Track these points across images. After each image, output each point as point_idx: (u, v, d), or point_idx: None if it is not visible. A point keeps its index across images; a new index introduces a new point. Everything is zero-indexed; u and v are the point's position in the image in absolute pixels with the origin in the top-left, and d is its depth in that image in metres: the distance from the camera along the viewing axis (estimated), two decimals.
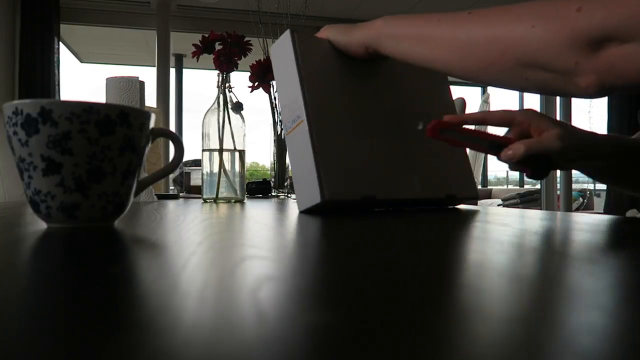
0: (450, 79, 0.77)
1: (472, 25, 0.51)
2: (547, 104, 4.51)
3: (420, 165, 0.69)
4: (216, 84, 0.95)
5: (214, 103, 0.95)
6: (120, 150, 0.37)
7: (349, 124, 0.63)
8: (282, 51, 0.63)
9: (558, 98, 4.46)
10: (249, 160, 0.92)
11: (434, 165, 0.71)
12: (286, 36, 0.63)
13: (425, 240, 0.33)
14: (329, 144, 0.60)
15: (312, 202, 0.58)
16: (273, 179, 1.22)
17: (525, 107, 0.65)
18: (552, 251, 0.28)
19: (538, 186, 4.78)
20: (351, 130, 0.63)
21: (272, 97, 1.09)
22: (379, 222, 0.47)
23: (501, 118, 0.62)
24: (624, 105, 4.39)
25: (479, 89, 6.29)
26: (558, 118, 4.46)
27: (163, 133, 0.43)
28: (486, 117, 0.63)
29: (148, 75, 4.06)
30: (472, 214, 0.60)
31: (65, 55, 5.10)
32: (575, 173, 4.42)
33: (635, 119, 4.52)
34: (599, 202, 5.41)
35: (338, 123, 0.62)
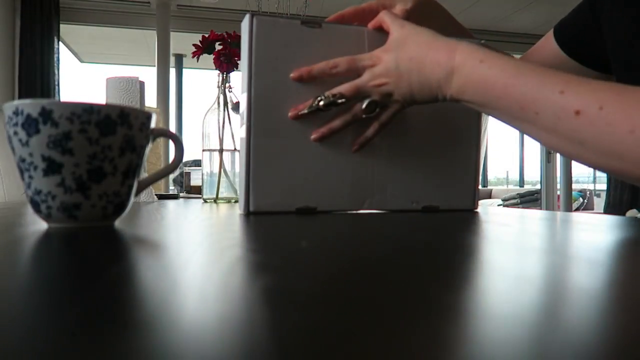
0: None
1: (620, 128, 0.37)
2: None
3: (384, 175, 0.61)
4: (216, 84, 0.95)
5: (214, 103, 0.95)
6: (120, 150, 0.37)
7: (299, 128, 0.56)
8: (243, 35, 0.56)
9: None
10: None
11: (404, 174, 0.62)
12: (245, 21, 0.56)
13: (416, 238, 0.33)
14: (268, 150, 0.54)
15: (241, 210, 0.55)
16: None
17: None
18: (551, 251, 0.28)
19: (538, 186, 4.78)
20: (302, 134, 0.56)
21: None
22: (368, 220, 0.47)
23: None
24: None
25: None
26: None
27: (163, 133, 0.43)
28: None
29: (148, 75, 4.06)
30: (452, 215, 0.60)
31: (65, 55, 5.10)
32: (575, 173, 4.41)
33: None
34: (599, 202, 5.41)
35: (286, 126, 0.55)
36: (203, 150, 0.94)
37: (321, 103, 0.54)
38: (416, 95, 0.52)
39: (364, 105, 0.54)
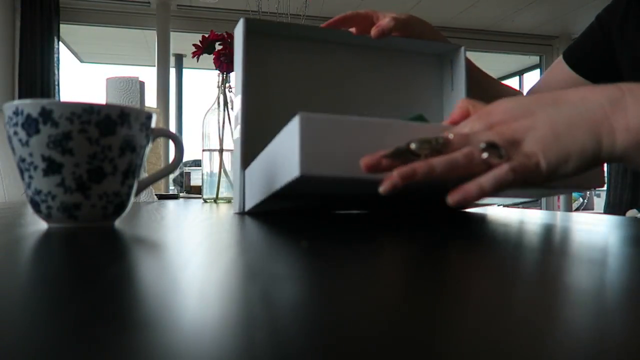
0: None
1: None
2: None
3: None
4: (216, 84, 0.95)
5: (214, 103, 0.95)
6: (120, 150, 0.37)
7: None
8: (237, 40, 0.55)
9: None
10: None
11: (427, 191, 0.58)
12: (239, 26, 0.55)
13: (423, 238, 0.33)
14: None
15: (235, 210, 0.56)
16: None
17: None
18: (552, 251, 0.28)
19: None
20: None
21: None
22: (372, 219, 0.47)
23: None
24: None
25: None
26: None
27: (163, 133, 0.43)
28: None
29: (148, 75, 4.06)
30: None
31: (65, 55, 5.09)
32: None
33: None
34: (599, 202, 5.41)
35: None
36: (203, 150, 0.94)
37: (413, 146, 0.34)
38: (562, 139, 0.33)
39: (482, 145, 0.33)
